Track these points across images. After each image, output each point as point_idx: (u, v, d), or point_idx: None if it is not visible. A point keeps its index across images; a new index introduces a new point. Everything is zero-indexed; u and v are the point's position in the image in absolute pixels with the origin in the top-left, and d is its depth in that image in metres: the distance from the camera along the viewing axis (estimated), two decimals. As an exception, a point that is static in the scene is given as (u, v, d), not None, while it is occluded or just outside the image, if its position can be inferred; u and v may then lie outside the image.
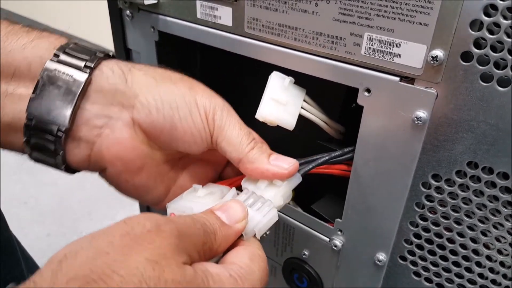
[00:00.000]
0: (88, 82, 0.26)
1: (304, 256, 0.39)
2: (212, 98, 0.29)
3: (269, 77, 0.31)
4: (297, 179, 0.29)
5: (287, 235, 0.40)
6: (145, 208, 0.54)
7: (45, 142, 0.26)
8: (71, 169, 0.29)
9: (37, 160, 0.28)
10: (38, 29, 0.28)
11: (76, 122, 0.27)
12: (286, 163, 0.28)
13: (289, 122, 0.31)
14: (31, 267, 0.57)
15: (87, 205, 1.25)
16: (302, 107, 0.32)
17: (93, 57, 0.27)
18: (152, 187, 0.30)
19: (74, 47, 0.27)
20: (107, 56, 0.28)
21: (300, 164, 0.30)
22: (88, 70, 0.26)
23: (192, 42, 0.37)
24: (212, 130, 0.28)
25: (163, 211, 0.28)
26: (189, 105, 0.27)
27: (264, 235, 0.26)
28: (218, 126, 0.28)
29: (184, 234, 0.20)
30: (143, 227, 0.19)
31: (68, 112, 0.26)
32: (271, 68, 0.32)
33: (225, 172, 0.33)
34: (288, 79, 0.31)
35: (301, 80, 0.32)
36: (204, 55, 0.45)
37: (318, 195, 0.43)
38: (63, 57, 0.26)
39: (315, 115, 0.33)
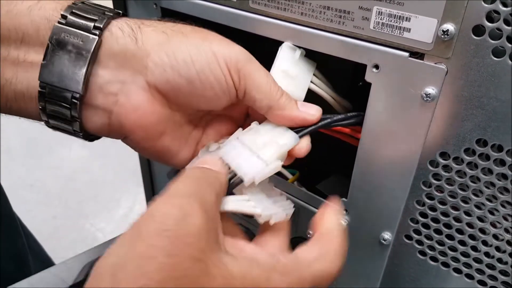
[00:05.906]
0: (98, 45, 0.25)
1: (309, 236, 0.39)
2: (231, 47, 0.27)
3: (279, 48, 0.31)
4: (295, 140, 0.29)
5: (292, 215, 0.40)
6: (150, 190, 0.54)
7: (61, 109, 0.25)
8: (90, 136, 0.28)
9: (54, 128, 0.27)
10: None
11: (90, 89, 0.26)
12: (313, 110, 0.29)
13: (298, 96, 0.30)
14: (31, 242, 0.60)
15: (92, 188, 1.26)
16: (311, 81, 0.31)
17: (102, 16, 0.25)
18: (177, 150, 0.29)
19: (81, 7, 0.26)
20: (116, 14, 0.27)
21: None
22: (97, 32, 0.25)
23: (195, 20, 0.36)
24: (237, 80, 0.27)
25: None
26: (206, 57, 0.26)
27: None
28: (245, 75, 0.27)
29: (205, 202, 0.20)
30: (173, 219, 0.18)
31: (80, 78, 0.25)
32: (277, 45, 0.31)
33: (244, 126, 0.33)
34: (299, 51, 0.30)
35: (308, 55, 0.32)
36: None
37: (323, 175, 0.43)
38: (71, 18, 0.25)
39: (324, 90, 0.32)
